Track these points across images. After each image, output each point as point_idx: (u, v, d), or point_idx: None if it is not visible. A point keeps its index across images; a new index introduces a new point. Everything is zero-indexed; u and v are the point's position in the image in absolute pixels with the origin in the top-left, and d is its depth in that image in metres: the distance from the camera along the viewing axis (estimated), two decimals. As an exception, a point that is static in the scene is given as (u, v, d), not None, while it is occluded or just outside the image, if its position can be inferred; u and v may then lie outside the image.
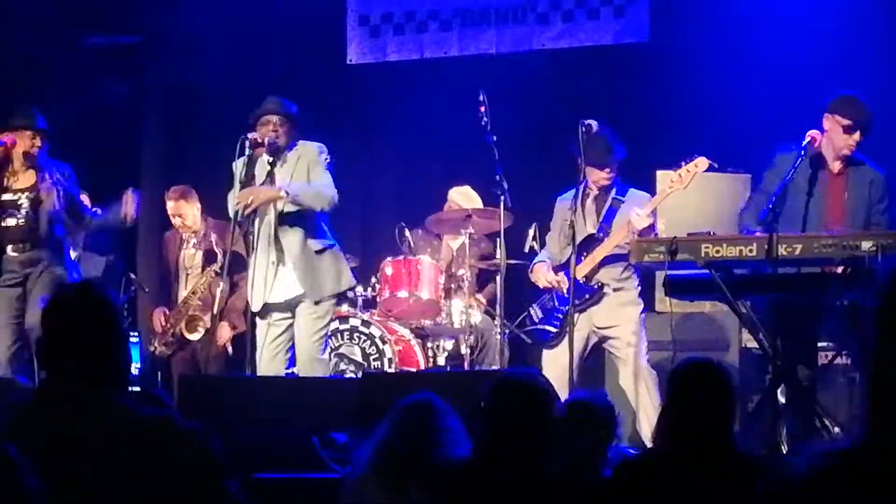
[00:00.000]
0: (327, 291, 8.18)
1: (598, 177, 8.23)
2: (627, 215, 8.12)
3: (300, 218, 8.08)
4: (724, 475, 4.07)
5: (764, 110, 9.23)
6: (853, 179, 7.37)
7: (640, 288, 8.31)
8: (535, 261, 8.54)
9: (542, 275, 8.39)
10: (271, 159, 8.09)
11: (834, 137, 7.30)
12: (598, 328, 8.23)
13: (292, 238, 8.08)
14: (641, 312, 8.26)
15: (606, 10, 10.75)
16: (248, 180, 8.04)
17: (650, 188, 8.56)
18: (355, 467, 4.75)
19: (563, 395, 7.67)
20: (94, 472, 3.12)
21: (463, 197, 9.99)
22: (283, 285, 8.10)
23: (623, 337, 8.18)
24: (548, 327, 8.35)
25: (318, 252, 8.14)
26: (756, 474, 3.99)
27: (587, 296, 8.17)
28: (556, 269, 8.38)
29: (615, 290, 8.21)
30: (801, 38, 9.80)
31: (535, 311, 8.47)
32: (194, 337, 9.87)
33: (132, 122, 11.72)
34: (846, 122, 7.24)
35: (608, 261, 8.17)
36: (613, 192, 8.34)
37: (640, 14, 10.62)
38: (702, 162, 7.93)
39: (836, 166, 7.36)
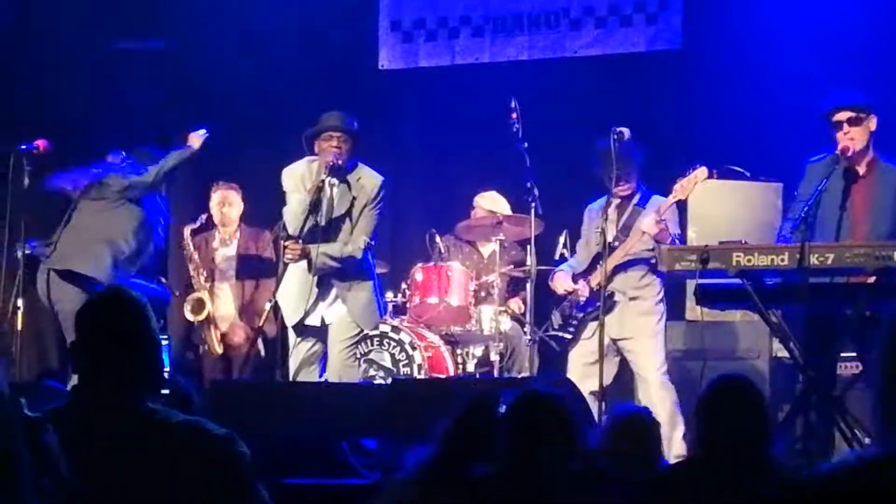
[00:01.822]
0: (370, 325, 8.29)
1: (615, 191, 8.29)
2: (642, 222, 8.19)
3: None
4: (758, 491, 4.05)
5: (797, 119, 9.18)
6: (879, 183, 7.35)
7: (661, 296, 8.30)
8: (556, 269, 8.61)
9: (560, 283, 8.52)
10: (331, 178, 7.94)
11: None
12: (614, 339, 8.24)
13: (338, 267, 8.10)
14: (659, 321, 8.26)
15: (639, 17, 10.73)
16: (316, 206, 7.97)
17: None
18: (399, 471, 4.72)
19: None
20: (125, 477, 3.13)
21: (489, 202, 10.00)
22: (321, 309, 8.09)
23: (637, 349, 8.22)
24: (565, 334, 8.42)
25: (361, 283, 8.14)
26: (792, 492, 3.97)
27: (598, 304, 8.18)
28: (576, 278, 8.44)
29: (631, 298, 8.25)
30: (835, 47, 9.75)
31: (556, 318, 8.56)
32: (198, 318, 9.92)
33: (160, 127, 11.75)
34: None
35: (624, 268, 8.22)
36: (635, 200, 8.42)
37: (673, 21, 10.60)
38: (701, 172, 8.00)
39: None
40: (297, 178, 8.07)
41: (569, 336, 8.41)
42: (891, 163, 7.41)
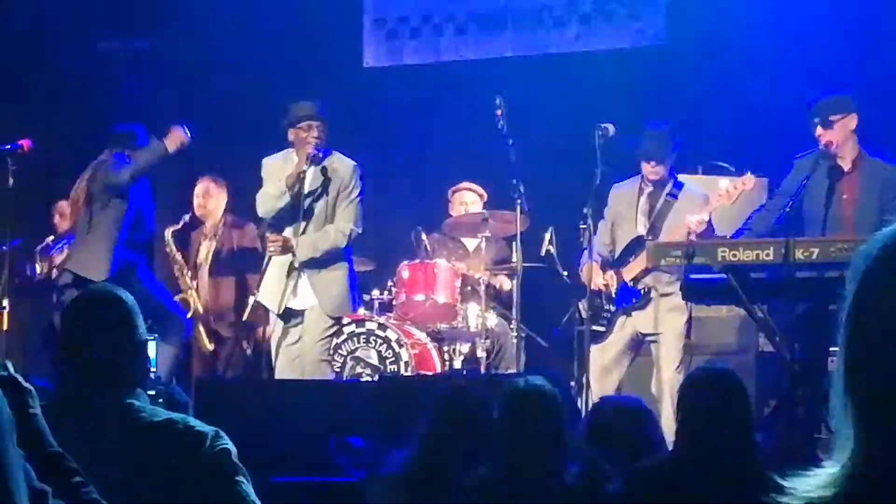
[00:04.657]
0: (337, 312, 8.28)
1: (646, 170, 8.18)
2: (678, 219, 8.02)
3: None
4: (741, 486, 4.05)
5: (781, 114, 9.21)
6: (865, 178, 7.36)
7: None
8: (584, 259, 8.38)
9: (592, 277, 8.27)
10: (307, 166, 8.08)
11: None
12: (642, 333, 8.18)
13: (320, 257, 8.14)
14: (687, 321, 8.16)
15: (623, 13, 10.74)
16: (297, 195, 8.05)
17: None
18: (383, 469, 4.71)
19: (608, 392, 7.71)
20: (110, 474, 3.12)
21: (465, 203, 10.02)
22: (302, 294, 8.14)
23: (664, 344, 8.10)
24: (595, 327, 8.24)
25: (333, 271, 8.17)
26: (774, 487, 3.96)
27: (634, 300, 8.11)
28: (605, 269, 8.28)
29: (663, 294, 8.11)
30: (818, 42, 9.77)
31: (583, 309, 8.35)
32: None
33: (146, 125, 11.75)
34: None
35: None
36: (668, 188, 8.23)
37: (657, 17, 10.61)
38: (749, 180, 7.81)
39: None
40: (272, 167, 8.24)
41: (601, 329, 8.24)
42: (877, 157, 7.42)
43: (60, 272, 9.10)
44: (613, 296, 8.16)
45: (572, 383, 7.97)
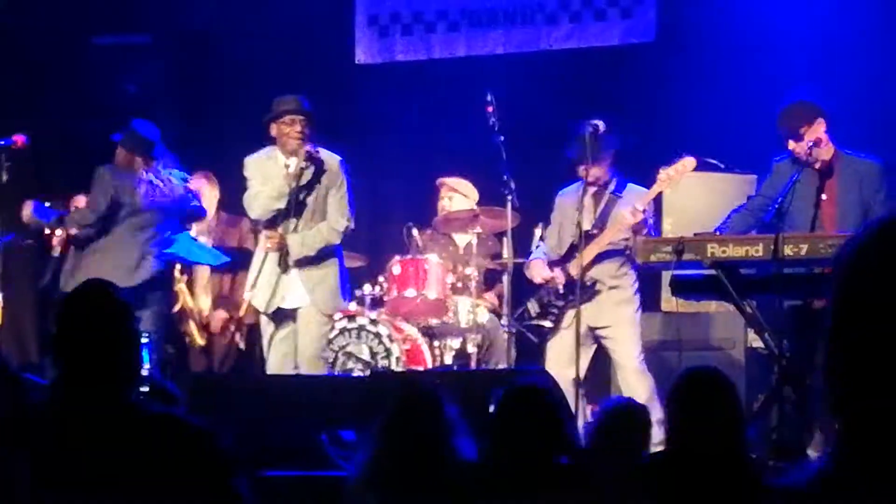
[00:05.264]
0: (331, 308, 8.30)
1: (582, 174, 8.27)
2: (621, 212, 8.16)
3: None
4: (731, 485, 4.09)
5: (770, 111, 9.25)
6: (843, 176, 7.42)
7: (637, 285, 8.34)
8: (531, 257, 8.60)
9: (538, 271, 8.47)
10: (294, 163, 8.10)
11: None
12: (592, 327, 8.28)
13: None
14: (637, 310, 8.30)
15: (613, 10, 10.77)
16: (293, 192, 8.07)
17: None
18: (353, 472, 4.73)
19: (565, 388, 7.75)
20: (104, 470, 3.15)
21: (463, 197, 10.04)
22: (291, 292, 8.17)
23: (617, 338, 8.24)
24: (544, 323, 8.40)
25: (325, 267, 8.20)
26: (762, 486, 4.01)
27: (578, 292, 8.22)
28: (552, 265, 8.45)
29: (610, 287, 8.26)
30: (808, 39, 9.81)
31: (533, 307, 8.53)
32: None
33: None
34: None
35: (602, 257, 8.23)
36: (611, 187, 8.40)
37: (647, 15, 10.64)
38: (689, 162, 7.97)
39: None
40: (256, 165, 8.25)
41: (549, 325, 8.40)
42: (853, 153, 7.48)
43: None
44: (561, 291, 8.29)
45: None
